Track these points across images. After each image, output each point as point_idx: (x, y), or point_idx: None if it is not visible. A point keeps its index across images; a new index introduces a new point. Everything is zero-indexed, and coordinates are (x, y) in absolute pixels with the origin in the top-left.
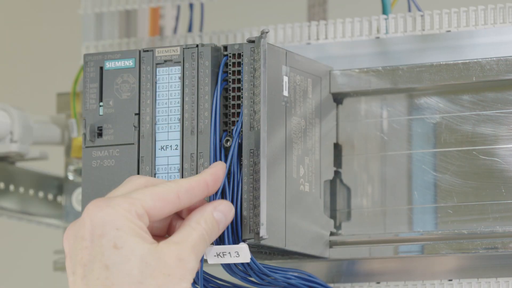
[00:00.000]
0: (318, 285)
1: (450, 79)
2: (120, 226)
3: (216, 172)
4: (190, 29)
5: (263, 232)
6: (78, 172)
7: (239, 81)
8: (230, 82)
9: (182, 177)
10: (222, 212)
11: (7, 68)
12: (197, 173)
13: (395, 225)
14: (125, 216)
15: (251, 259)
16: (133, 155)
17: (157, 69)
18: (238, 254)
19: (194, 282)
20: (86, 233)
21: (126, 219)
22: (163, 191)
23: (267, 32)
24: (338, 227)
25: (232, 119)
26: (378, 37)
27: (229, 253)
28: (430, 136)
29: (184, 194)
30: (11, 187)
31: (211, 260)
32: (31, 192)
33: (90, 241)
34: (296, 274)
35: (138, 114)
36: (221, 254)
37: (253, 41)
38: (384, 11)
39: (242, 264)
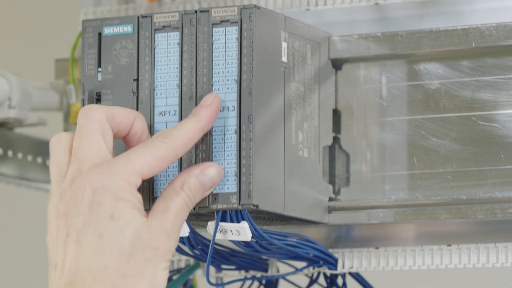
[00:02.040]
0: (318, 250)
1: (449, 45)
2: (119, 197)
3: (210, 108)
4: None
5: (256, 200)
6: None
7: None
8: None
9: None
10: (208, 176)
11: (5, 35)
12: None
13: (394, 190)
14: (125, 188)
15: (251, 225)
16: None
17: (156, 35)
18: (239, 232)
19: (192, 246)
20: (85, 198)
21: (126, 191)
22: (163, 153)
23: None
24: (337, 192)
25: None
26: (377, 3)
27: (230, 230)
28: (429, 102)
29: (182, 149)
30: (10, 153)
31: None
32: (30, 158)
33: (88, 207)
34: (295, 239)
35: (137, 80)
36: (223, 231)
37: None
38: None
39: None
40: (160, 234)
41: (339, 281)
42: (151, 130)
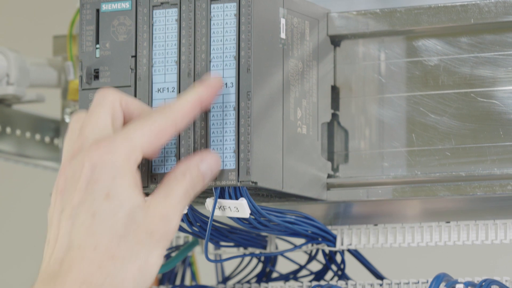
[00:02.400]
0: (316, 227)
1: (448, 21)
2: (116, 175)
3: (210, 88)
4: None
5: (255, 176)
6: None
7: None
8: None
9: None
10: (209, 164)
11: (3, 11)
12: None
13: (392, 167)
14: (124, 165)
15: (250, 201)
16: None
17: (154, 11)
18: (237, 209)
19: (190, 223)
20: (83, 175)
21: (125, 169)
22: (161, 126)
23: None
24: (335, 169)
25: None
26: None
27: (229, 207)
28: (428, 78)
29: (181, 120)
30: (8, 130)
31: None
32: (28, 134)
33: (85, 183)
34: (294, 216)
35: (135, 56)
36: (222, 208)
37: None
38: None
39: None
40: (157, 218)
41: (338, 258)
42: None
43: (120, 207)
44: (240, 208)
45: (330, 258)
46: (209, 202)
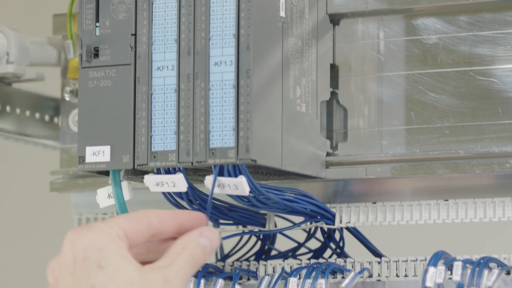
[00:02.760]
0: (315, 205)
1: None
2: (103, 247)
3: (191, 214)
4: None
5: (254, 154)
6: (74, 93)
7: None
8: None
9: (179, 98)
10: (208, 237)
11: None
12: (193, 94)
13: (391, 145)
14: (106, 237)
15: (249, 179)
16: (130, 75)
17: None
18: (236, 187)
19: (190, 201)
20: (69, 259)
21: (108, 240)
22: (134, 214)
23: None
24: (334, 147)
25: None
26: None
27: (228, 185)
28: (427, 57)
29: (154, 218)
30: (8, 108)
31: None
32: (28, 113)
33: (73, 266)
34: (293, 194)
35: (135, 34)
36: (221, 186)
37: None
38: None
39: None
40: (159, 282)
41: (337, 235)
42: (149, 85)
43: (116, 273)
44: (239, 186)
45: (328, 236)
46: (208, 179)
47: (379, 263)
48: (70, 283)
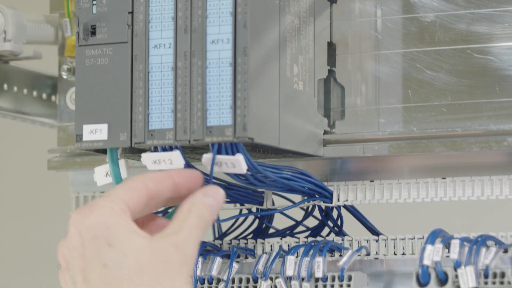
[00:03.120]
0: (313, 184)
1: None
2: (109, 224)
3: (185, 172)
4: None
5: (251, 132)
6: (71, 71)
7: None
8: None
9: (176, 76)
10: (212, 196)
11: None
12: (190, 72)
13: (388, 123)
14: (111, 213)
15: (246, 157)
16: (127, 53)
17: None
18: (234, 165)
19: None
20: (77, 241)
21: (113, 215)
22: (132, 181)
23: None
24: (332, 125)
25: None
26: None
27: (225, 163)
28: (424, 34)
29: (150, 182)
30: (5, 86)
31: (208, 166)
32: (25, 91)
33: (82, 248)
34: (290, 172)
35: (132, 12)
36: (219, 164)
37: None
38: None
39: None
40: (170, 248)
41: (334, 214)
42: (146, 63)
43: (126, 248)
44: (236, 164)
45: (326, 214)
46: (206, 158)
47: (376, 241)
48: (82, 264)
